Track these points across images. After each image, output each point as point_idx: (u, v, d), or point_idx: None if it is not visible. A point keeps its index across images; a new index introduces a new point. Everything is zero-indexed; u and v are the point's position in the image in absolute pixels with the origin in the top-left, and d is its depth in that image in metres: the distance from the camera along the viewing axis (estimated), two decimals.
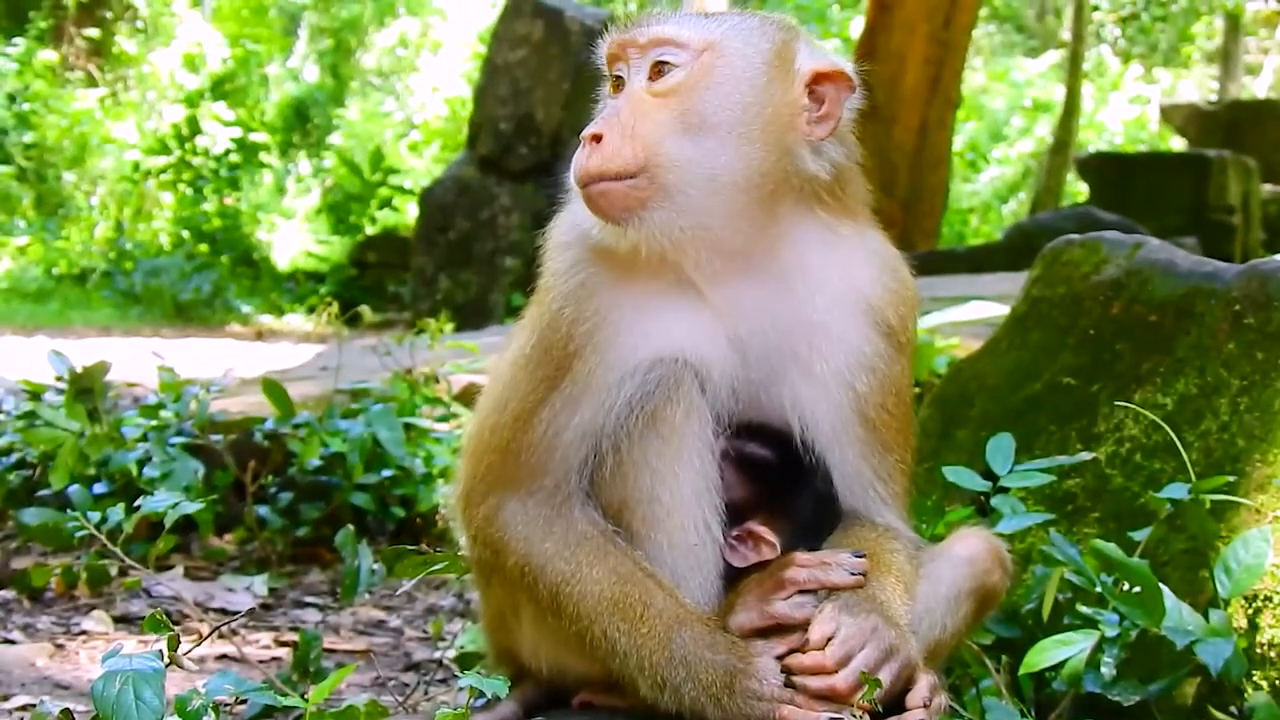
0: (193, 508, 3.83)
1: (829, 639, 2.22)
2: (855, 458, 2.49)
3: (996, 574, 2.55)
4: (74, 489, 4.88)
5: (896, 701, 2.26)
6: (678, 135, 2.35)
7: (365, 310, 6.06)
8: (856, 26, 21.59)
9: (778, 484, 2.46)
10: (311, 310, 20.26)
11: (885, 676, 2.21)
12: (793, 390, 2.46)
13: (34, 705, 3.25)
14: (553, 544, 2.40)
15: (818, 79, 2.41)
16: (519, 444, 2.44)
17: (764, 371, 2.46)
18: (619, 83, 2.43)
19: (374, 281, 21.40)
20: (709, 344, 2.43)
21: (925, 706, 2.24)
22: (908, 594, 2.39)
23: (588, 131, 2.37)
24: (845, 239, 2.49)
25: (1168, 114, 25.14)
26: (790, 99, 2.40)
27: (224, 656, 3.98)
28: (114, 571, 4.57)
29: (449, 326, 7.43)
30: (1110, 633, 2.64)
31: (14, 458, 5.43)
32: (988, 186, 28.56)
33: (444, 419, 5.77)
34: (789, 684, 2.23)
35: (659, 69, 2.39)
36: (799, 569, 2.33)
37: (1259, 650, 2.79)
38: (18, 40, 24.68)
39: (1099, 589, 2.66)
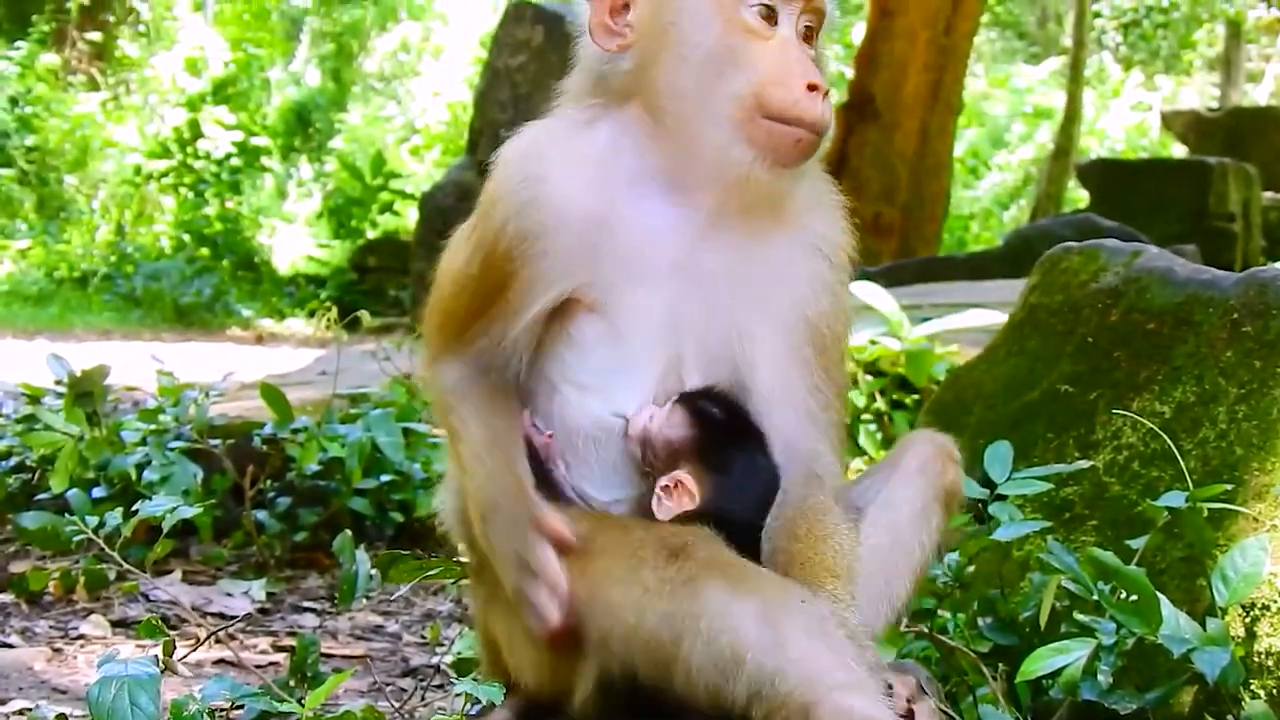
0: (191, 512, 3.83)
1: None
2: (796, 377, 2.51)
3: (950, 471, 2.59)
4: (73, 493, 4.88)
5: None
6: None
7: (365, 315, 6.03)
8: (858, 33, 21.59)
9: (716, 439, 2.48)
10: (312, 314, 20.26)
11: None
12: (745, 316, 2.52)
13: (31, 709, 3.25)
14: (472, 393, 2.54)
15: None
16: (463, 331, 2.56)
17: (715, 301, 2.51)
18: (771, 15, 2.45)
19: (374, 286, 21.39)
20: (660, 276, 2.49)
21: (910, 715, 2.22)
22: (850, 584, 2.39)
23: (812, 79, 2.40)
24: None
25: (1169, 121, 25.12)
26: None
27: (221, 661, 3.98)
28: (112, 575, 4.57)
29: None
30: (1107, 641, 2.64)
31: (13, 461, 5.43)
32: (989, 193, 28.56)
33: None
34: None
35: (808, 28, 2.48)
36: None
37: (1256, 659, 2.79)
38: (20, 43, 24.67)
39: (1096, 597, 2.65)
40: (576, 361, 2.52)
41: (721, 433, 2.49)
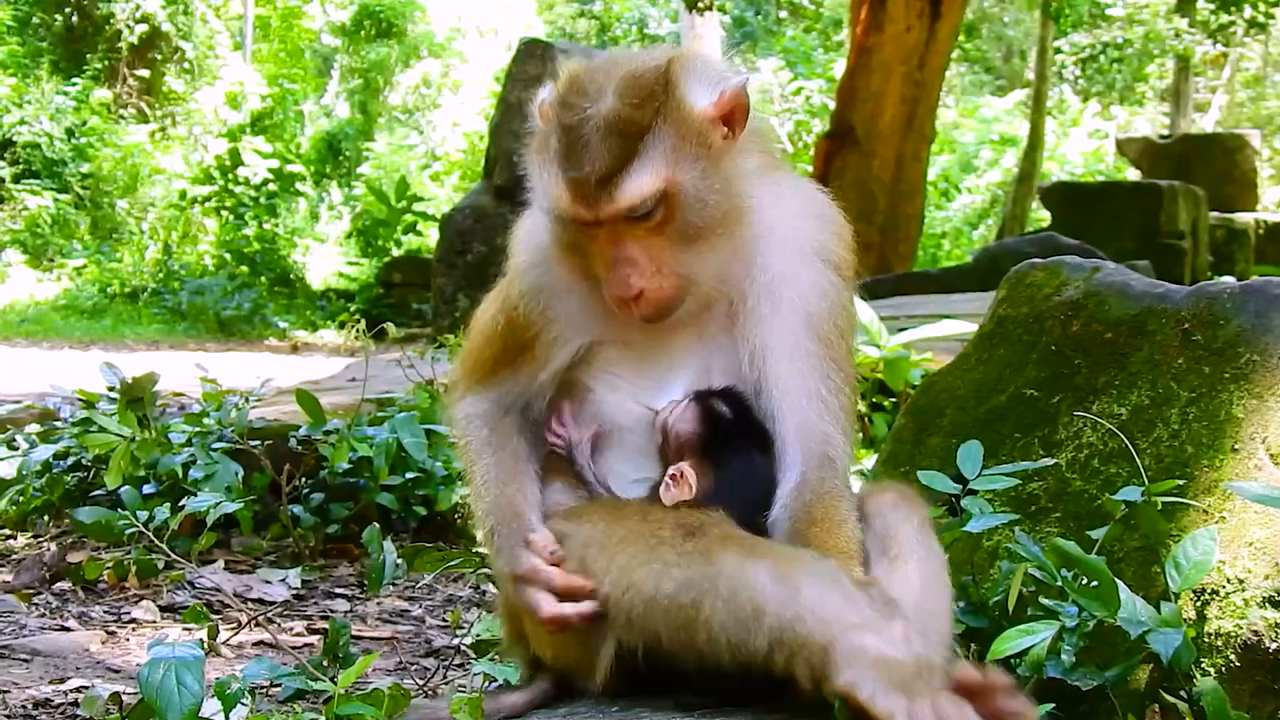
0: (233, 507, 3.84)
1: None
2: (805, 368, 2.51)
3: (920, 506, 2.56)
4: (125, 489, 4.88)
5: None
6: (684, 252, 2.42)
7: (390, 326, 6.04)
8: (839, 68, 21.60)
9: (718, 438, 2.49)
10: (342, 326, 20.29)
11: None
12: (755, 321, 2.52)
13: (87, 687, 3.25)
14: (484, 431, 2.63)
15: (724, 115, 2.44)
16: (489, 375, 2.66)
17: (729, 312, 2.53)
18: (594, 225, 2.39)
19: (399, 300, 21.42)
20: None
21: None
22: (861, 565, 2.38)
23: (625, 295, 2.38)
24: (784, 195, 2.58)
25: (1123, 147, 25.13)
26: (721, 147, 2.43)
27: (261, 643, 3.98)
28: (161, 565, 4.57)
29: None
30: (1070, 623, 2.63)
31: (70, 461, 5.44)
32: (959, 214, 28.59)
33: None
34: None
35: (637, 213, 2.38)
36: None
37: (1206, 639, 2.78)
38: (76, 80, 24.76)
39: (1060, 583, 2.65)
40: (611, 367, 2.58)
41: (725, 432, 2.50)
